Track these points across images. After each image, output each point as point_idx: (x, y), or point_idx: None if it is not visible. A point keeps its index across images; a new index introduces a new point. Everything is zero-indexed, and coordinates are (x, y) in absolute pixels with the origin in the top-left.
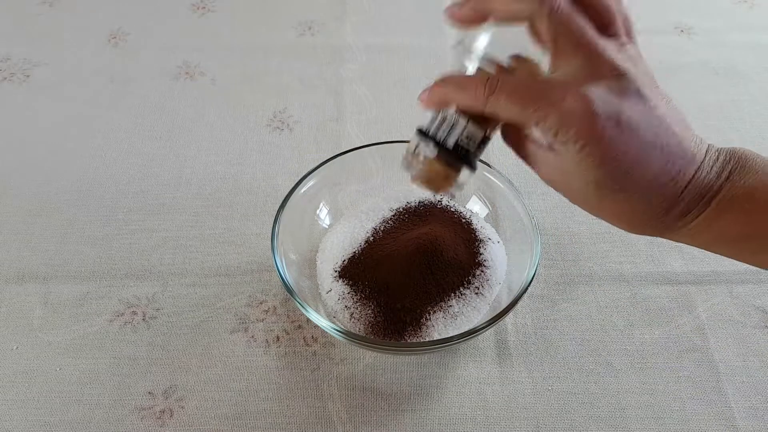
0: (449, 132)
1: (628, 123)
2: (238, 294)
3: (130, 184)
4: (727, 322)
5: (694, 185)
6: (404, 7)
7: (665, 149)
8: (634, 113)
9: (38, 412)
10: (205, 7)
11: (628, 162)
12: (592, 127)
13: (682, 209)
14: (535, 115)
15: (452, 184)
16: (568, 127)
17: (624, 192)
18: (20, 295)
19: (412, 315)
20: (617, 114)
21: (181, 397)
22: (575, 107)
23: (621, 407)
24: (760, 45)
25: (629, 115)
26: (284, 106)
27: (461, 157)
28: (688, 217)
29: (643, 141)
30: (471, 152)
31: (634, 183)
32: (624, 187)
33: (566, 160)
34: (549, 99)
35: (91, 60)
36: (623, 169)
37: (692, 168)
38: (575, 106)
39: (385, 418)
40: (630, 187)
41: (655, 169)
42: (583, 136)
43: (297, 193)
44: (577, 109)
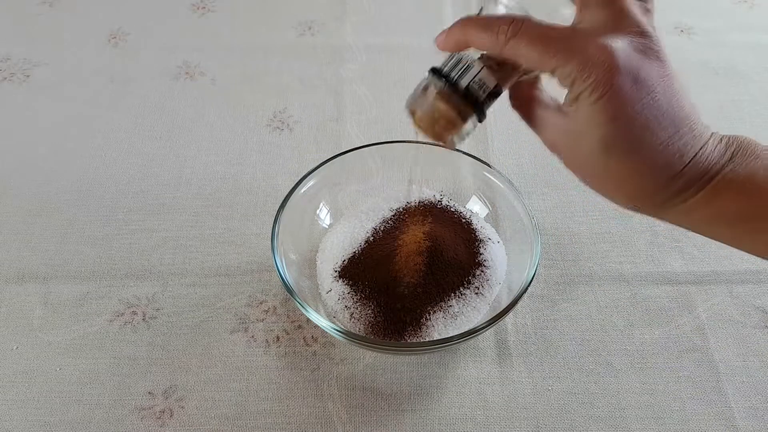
0: (462, 73)
1: (646, 82)
2: (238, 294)
3: (130, 184)
4: (727, 322)
5: (697, 162)
6: (404, 7)
7: (675, 119)
8: (653, 75)
9: (38, 412)
10: (205, 7)
11: (640, 123)
12: (611, 78)
13: (681, 184)
14: (554, 61)
15: (456, 130)
16: (587, 75)
17: (631, 155)
18: (20, 295)
19: (412, 315)
20: (637, 70)
21: (181, 397)
22: (596, 56)
23: (621, 407)
24: (760, 45)
25: (648, 75)
26: (284, 106)
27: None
28: (687, 193)
29: (656, 105)
30: (481, 100)
31: (642, 148)
32: (631, 150)
33: (577, 116)
34: (571, 46)
35: (91, 60)
36: (634, 129)
37: (698, 144)
38: (596, 55)
39: (385, 418)
40: (637, 150)
41: (663, 138)
42: (601, 86)
43: (297, 193)
44: (598, 57)
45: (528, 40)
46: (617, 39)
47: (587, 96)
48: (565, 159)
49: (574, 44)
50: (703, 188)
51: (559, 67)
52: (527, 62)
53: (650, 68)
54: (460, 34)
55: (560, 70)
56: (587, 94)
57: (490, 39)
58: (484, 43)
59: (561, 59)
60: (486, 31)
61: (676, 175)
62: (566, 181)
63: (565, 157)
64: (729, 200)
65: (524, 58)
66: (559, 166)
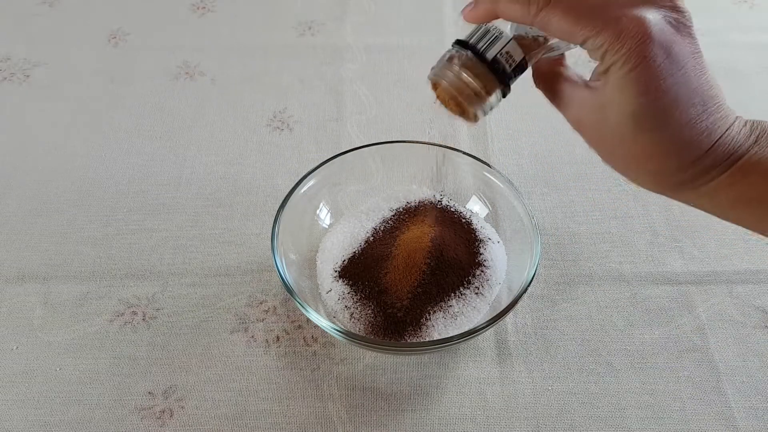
0: (490, 44)
1: (678, 57)
2: (238, 294)
3: (130, 184)
4: (727, 322)
5: (723, 142)
6: (404, 7)
7: (704, 97)
8: (685, 51)
9: (38, 412)
10: (205, 7)
11: (670, 98)
12: (644, 49)
13: (707, 164)
14: (586, 32)
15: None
16: (620, 46)
17: (659, 131)
18: (20, 295)
19: (412, 315)
20: (670, 44)
21: (181, 397)
22: (630, 27)
23: (621, 407)
24: (760, 45)
25: (680, 50)
26: (284, 106)
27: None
28: (712, 173)
29: (687, 81)
30: (507, 73)
31: (671, 124)
32: (660, 126)
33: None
34: (604, 16)
35: (91, 60)
36: (664, 104)
37: (725, 125)
38: (630, 26)
39: (385, 418)
40: (666, 126)
41: (692, 115)
42: (634, 57)
43: (297, 193)
44: (632, 28)
45: (561, 11)
46: (651, 11)
47: (619, 68)
48: (590, 136)
49: (607, 14)
50: (727, 169)
51: (591, 38)
52: (559, 33)
53: (683, 44)
54: (489, 3)
55: (592, 40)
56: (619, 66)
57: (521, 9)
58: (515, 13)
59: (594, 29)
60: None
61: (702, 154)
62: (566, 181)
63: (590, 133)
64: (754, 183)
65: (556, 28)
66: (559, 167)
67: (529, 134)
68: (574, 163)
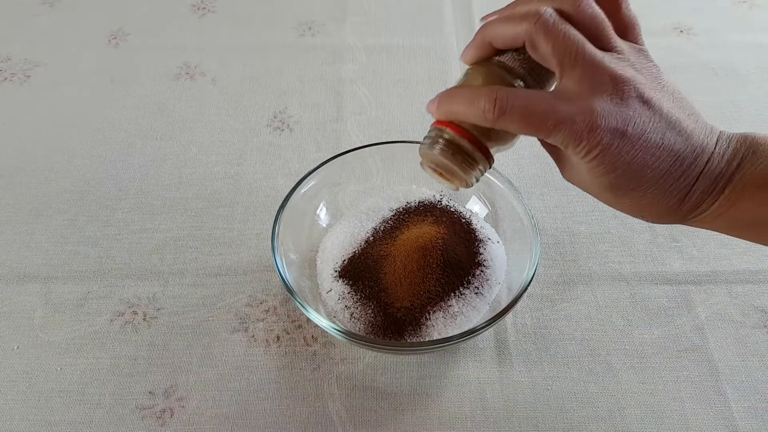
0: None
1: (634, 131)
2: (238, 294)
3: (131, 184)
4: (726, 322)
5: (706, 176)
6: (404, 7)
7: (673, 147)
8: (639, 120)
9: (39, 412)
10: (205, 8)
11: (637, 166)
12: (599, 142)
13: (695, 200)
14: (544, 133)
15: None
16: (577, 143)
17: (636, 191)
18: (21, 295)
19: (412, 315)
20: (623, 124)
21: (181, 396)
22: (583, 124)
23: (620, 407)
24: (760, 45)
25: (635, 123)
26: (284, 106)
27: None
28: (702, 205)
29: (650, 144)
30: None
31: (646, 183)
32: (635, 188)
33: (581, 169)
34: (558, 117)
35: (91, 60)
36: (633, 173)
37: (702, 160)
38: (583, 123)
39: (385, 418)
40: (642, 186)
41: (664, 168)
42: (592, 150)
43: (297, 193)
44: (585, 126)
45: (517, 118)
46: (597, 101)
47: (582, 157)
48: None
49: (560, 115)
50: (717, 199)
51: (550, 137)
52: (519, 133)
53: (636, 115)
54: (447, 108)
55: (552, 139)
56: (582, 156)
57: (479, 117)
58: (473, 118)
59: (550, 131)
60: (471, 107)
61: (685, 195)
62: (566, 182)
63: (583, 190)
64: (744, 209)
65: (515, 131)
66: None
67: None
68: None
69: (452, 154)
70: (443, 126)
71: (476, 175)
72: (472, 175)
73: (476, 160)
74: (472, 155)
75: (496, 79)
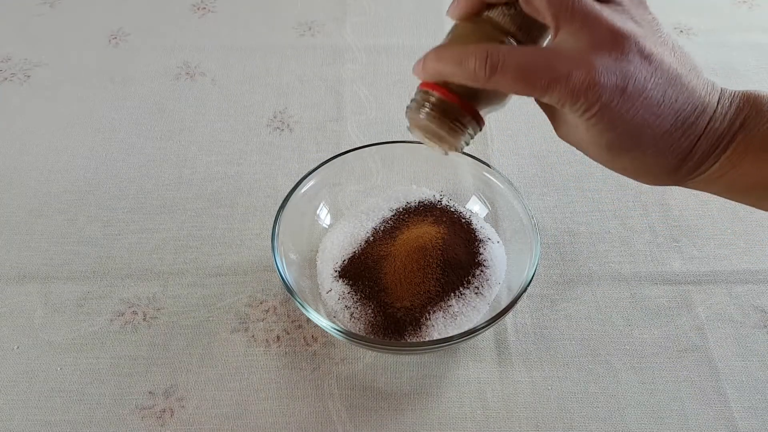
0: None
1: (634, 88)
2: (238, 294)
3: (131, 184)
4: (726, 322)
5: (707, 136)
6: (404, 7)
7: (675, 104)
8: (639, 76)
9: (39, 412)
10: (205, 8)
11: (637, 124)
12: (598, 99)
13: (696, 160)
14: (539, 91)
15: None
16: (574, 100)
17: (635, 150)
18: (21, 295)
19: (412, 315)
20: (623, 81)
21: (181, 396)
22: (580, 81)
23: (620, 407)
24: (760, 45)
25: (635, 79)
26: (284, 106)
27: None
28: (703, 167)
29: (651, 102)
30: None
31: (646, 142)
32: (635, 147)
33: (579, 124)
34: (553, 74)
35: (91, 60)
36: (633, 131)
37: (704, 119)
38: (580, 80)
39: (385, 418)
40: (642, 145)
41: (665, 126)
42: (590, 108)
43: (297, 193)
44: (583, 82)
45: (510, 75)
46: (596, 56)
47: (580, 115)
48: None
49: (556, 72)
50: (718, 159)
51: (546, 95)
52: (512, 92)
53: (636, 71)
54: (434, 69)
55: (548, 97)
56: (580, 114)
57: (468, 76)
58: (463, 78)
59: (545, 89)
60: (461, 67)
61: (686, 155)
62: (566, 181)
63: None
64: (745, 171)
65: (508, 90)
66: (558, 167)
67: (529, 134)
68: (573, 163)
69: (439, 119)
70: (430, 88)
71: (465, 139)
72: (461, 139)
73: (465, 123)
74: (461, 119)
75: (485, 36)
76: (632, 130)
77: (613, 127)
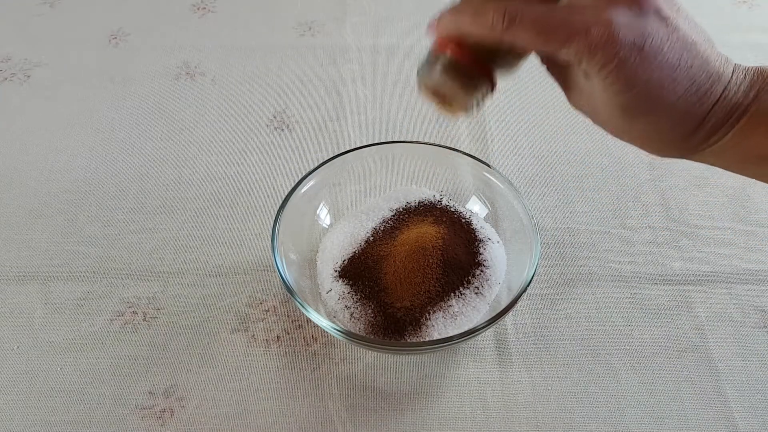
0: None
1: (651, 47)
2: (238, 294)
3: (131, 184)
4: (726, 322)
5: (722, 105)
6: (404, 7)
7: (690, 70)
8: (657, 36)
9: (39, 412)
10: (205, 8)
11: (653, 86)
12: (615, 55)
13: (709, 129)
14: (556, 45)
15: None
16: (592, 55)
17: (650, 114)
18: (21, 295)
19: (412, 315)
20: (641, 38)
21: (181, 396)
22: (599, 35)
23: (620, 407)
24: (760, 45)
25: (652, 39)
26: (284, 106)
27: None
28: (715, 136)
29: (667, 64)
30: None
31: (660, 106)
32: (650, 110)
33: (593, 87)
34: (572, 28)
35: (91, 60)
36: (648, 93)
37: (719, 88)
38: (599, 35)
39: (385, 418)
40: (656, 109)
41: (680, 91)
42: (608, 63)
43: (297, 193)
44: (601, 37)
45: (527, 28)
46: (614, 12)
47: (597, 72)
48: (593, 119)
49: (574, 25)
50: (731, 130)
51: (563, 50)
52: (529, 48)
53: (654, 31)
54: (451, 23)
55: (565, 51)
56: (596, 71)
57: (486, 29)
58: (479, 32)
59: (564, 42)
60: (478, 21)
61: (699, 123)
62: (566, 181)
63: (592, 118)
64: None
65: (525, 44)
66: (558, 167)
67: (529, 134)
68: (574, 163)
69: (452, 77)
70: (443, 48)
71: (477, 99)
72: (472, 100)
73: (477, 83)
74: (474, 77)
75: None
76: (648, 91)
77: (629, 87)
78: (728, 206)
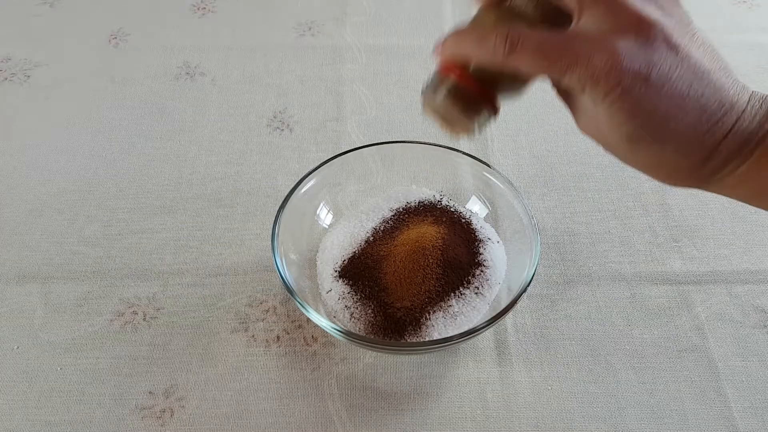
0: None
1: (658, 77)
2: (238, 294)
3: (131, 184)
4: (726, 322)
5: (734, 135)
6: (404, 7)
7: (700, 100)
8: (665, 65)
9: (39, 412)
10: (205, 8)
11: (661, 115)
12: (618, 84)
13: (721, 160)
14: (559, 72)
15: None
16: (594, 83)
17: (658, 144)
18: (21, 295)
19: (412, 315)
20: (647, 68)
21: (181, 396)
22: (602, 63)
23: (620, 407)
24: (760, 45)
25: (659, 68)
26: (284, 106)
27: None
28: (727, 168)
29: (675, 93)
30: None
31: (668, 135)
32: (658, 140)
33: (598, 114)
34: (575, 54)
35: (91, 60)
36: (656, 122)
37: (732, 117)
38: (603, 62)
39: (385, 418)
40: (664, 139)
41: (690, 120)
42: (611, 92)
43: (297, 193)
44: (605, 65)
45: (528, 54)
46: (620, 41)
47: (601, 100)
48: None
49: (577, 52)
50: (745, 161)
51: (565, 76)
52: (531, 73)
53: (661, 60)
54: (455, 47)
55: (568, 77)
56: (600, 99)
57: (488, 54)
58: (481, 58)
59: (566, 69)
60: (481, 46)
61: (710, 154)
62: (566, 181)
63: (600, 143)
64: None
65: (527, 70)
66: (558, 167)
67: (529, 134)
68: (574, 163)
69: (454, 102)
70: (447, 71)
71: (480, 124)
72: (474, 125)
73: (479, 108)
74: (476, 103)
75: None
76: (654, 121)
77: (634, 116)
78: (728, 206)
